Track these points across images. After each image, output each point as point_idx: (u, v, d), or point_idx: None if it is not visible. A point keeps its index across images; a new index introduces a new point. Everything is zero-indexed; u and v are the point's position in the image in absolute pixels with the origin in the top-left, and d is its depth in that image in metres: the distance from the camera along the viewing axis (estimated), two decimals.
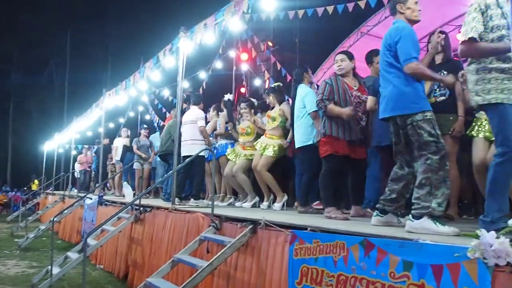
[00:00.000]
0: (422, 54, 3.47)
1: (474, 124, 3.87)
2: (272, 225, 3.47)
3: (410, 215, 2.94)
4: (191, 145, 6.23)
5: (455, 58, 4.35)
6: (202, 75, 10.93)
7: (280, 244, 3.32)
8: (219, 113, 6.94)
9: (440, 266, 2.15)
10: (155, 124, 13.86)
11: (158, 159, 8.43)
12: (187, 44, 5.54)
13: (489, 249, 1.90)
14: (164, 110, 13.23)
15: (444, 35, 3.96)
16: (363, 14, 8.89)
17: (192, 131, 6.34)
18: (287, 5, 8.70)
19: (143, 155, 9.27)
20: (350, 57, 4.40)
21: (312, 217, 4.26)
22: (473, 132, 3.84)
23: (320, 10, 8.34)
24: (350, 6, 7.96)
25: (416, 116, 3.00)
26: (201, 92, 10.85)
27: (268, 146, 5.47)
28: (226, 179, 6.40)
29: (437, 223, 2.80)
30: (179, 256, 4.10)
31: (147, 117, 14.97)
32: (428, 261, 2.22)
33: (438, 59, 4.10)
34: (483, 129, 3.76)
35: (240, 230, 3.83)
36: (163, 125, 9.00)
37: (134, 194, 8.47)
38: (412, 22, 3.26)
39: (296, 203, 5.20)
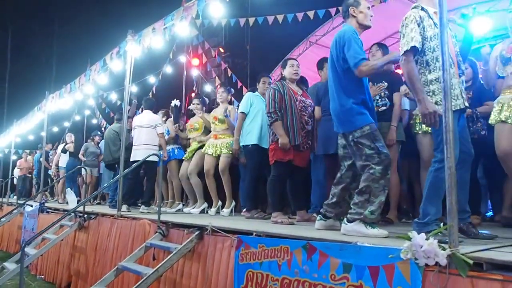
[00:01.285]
0: None
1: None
2: (219, 230, 3.49)
3: (345, 219, 3.10)
4: (146, 149, 6.09)
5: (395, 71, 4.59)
6: (152, 79, 10.78)
7: (226, 249, 3.34)
8: (168, 118, 6.89)
9: (377, 267, 2.27)
10: (103, 129, 13.47)
11: None
12: (135, 48, 5.46)
13: (419, 250, 2.02)
14: (112, 114, 12.89)
15: (386, 84, 4.17)
16: (312, 24, 9.12)
17: (149, 135, 6.24)
18: (238, 13, 8.79)
19: (84, 159, 8.93)
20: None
21: (259, 222, 4.31)
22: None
23: (270, 19, 8.47)
24: (300, 15, 8.15)
25: (355, 133, 3.15)
26: (151, 96, 10.69)
27: (222, 147, 5.46)
28: (179, 182, 6.34)
29: (368, 226, 2.99)
30: (123, 263, 4.01)
31: (94, 121, 14.51)
32: (366, 263, 2.32)
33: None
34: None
35: (187, 236, 3.81)
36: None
37: (78, 201, 8.17)
38: (363, 27, 3.35)
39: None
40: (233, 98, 7.05)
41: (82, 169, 8.63)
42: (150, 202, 6.62)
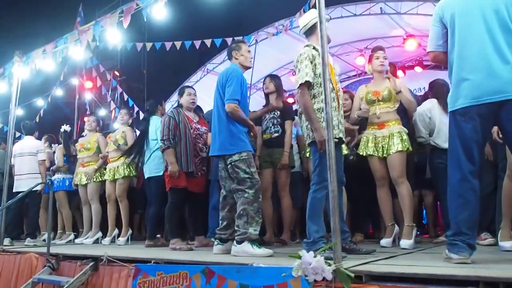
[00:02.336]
0: (258, 97, 3.87)
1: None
2: (115, 260, 3.39)
3: (234, 241, 3.35)
4: (29, 179, 5.69)
5: (286, 101, 4.95)
6: (40, 102, 10.09)
7: (123, 279, 3.26)
8: (55, 145, 6.51)
9: (271, 286, 2.41)
10: None
11: None
12: (22, 69, 5.14)
13: (308, 267, 2.21)
14: None
15: (278, 113, 4.45)
16: (209, 52, 9.37)
17: (31, 164, 5.84)
18: (135, 37, 8.69)
19: None
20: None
21: (158, 250, 4.26)
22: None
23: (168, 45, 8.51)
24: (197, 43, 8.31)
25: (234, 156, 3.46)
26: (37, 120, 9.99)
27: (118, 169, 5.30)
28: (69, 212, 6.00)
29: (254, 246, 3.28)
30: None
31: None
32: (261, 283, 2.46)
33: (272, 98, 4.58)
34: None
35: (80, 268, 3.64)
36: None
37: None
38: (244, 67, 3.75)
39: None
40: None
41: None
42: (36, 234, 6.14)
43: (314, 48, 3.20)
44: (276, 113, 4.45)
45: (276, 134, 4.44)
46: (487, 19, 2.43)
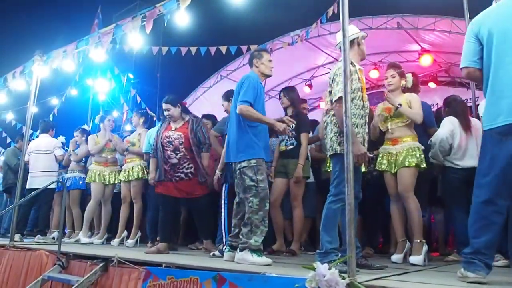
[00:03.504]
0: (272, 102, 3.89)
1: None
2: (126, 262, 3.41)
3: (238, 248, 3.40)
4: (44, 177, 5.77)
5: (303, 109, 4.97)
6: (55, 101, 10.21)
7: (132, 281, 3.27)
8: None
9: None
10: None
11: None
12: (42, 68, 5.21)
13: (322, 279, 2.21)
14: (4, 134, 11.87)
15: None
16: (224, 59, 9.42)
17: (46, 161, 5.93)
18: (150, 40, 8.76)
19: None
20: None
21: (170, 254, 4.26)
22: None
23: (184, 50, 8.58)
24: (212, 49, 8.38)
25: (243, 163, 3.49)
26: (51, 119, 10.10)
27: (133, 170, 5.34)
28: (80, 211, 6.02)
29: (254, 255, 3.30)
30: None
31: None
32: None
33: (290, 111, 4.61)
34: None
35: (90, 268, 3.66)
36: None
37: None
38: (264, 75, 3.78)
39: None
40: None
41: None
42: (45, 231, 6.18)
43: (351, 63, 3.20)
44: (291, 126, 4.45)
45: (291, 146, 4.46)
46: None
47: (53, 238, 5.92)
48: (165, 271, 3.11)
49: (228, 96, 4.87)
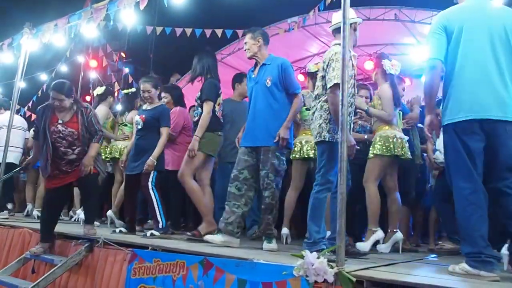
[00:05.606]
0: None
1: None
2: (111, 243, 3.37)
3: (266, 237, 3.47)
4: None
5: None
6: (43, 77, 10.00)
7: (118, 263, 3.24)
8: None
9: (270, 283, 2.39)
10: None
11: None
12: (31, 42, 5.07)
13: (311, 267, 2.19)
14: None
15: None
16: (219, 42, 9.29)
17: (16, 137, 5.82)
18: (145, 19, 8.60)
19: None
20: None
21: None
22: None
23: (178, 31, 8.44)
24: (208, 32, 8.26)
25: (273, 147, 3.45)
26: (39, 95, 9.92)
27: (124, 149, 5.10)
28: None
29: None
30: None
31: None
32: (260, 279, 2.44)
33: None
34: None
35: (75, 248, 3.62)
36: None
37: None
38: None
39: None
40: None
41: None
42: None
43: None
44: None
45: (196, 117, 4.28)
46: (493, 41, 2.47)
47: (27, 213, 6.00)
48: (151, 254, 3.08)
49: (241, 77, 4.98)
